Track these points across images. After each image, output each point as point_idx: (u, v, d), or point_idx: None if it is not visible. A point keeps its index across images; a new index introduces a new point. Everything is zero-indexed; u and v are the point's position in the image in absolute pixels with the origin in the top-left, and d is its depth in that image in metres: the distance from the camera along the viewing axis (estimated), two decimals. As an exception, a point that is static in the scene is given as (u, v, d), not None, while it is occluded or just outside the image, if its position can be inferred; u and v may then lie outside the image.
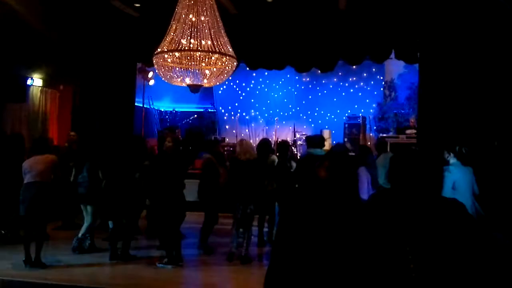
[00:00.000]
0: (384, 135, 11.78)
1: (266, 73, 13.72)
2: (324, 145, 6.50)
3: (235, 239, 5.88)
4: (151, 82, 12.77)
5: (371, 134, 13.08)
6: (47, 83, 9.27)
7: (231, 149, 11.05)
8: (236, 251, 5.84)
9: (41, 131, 8.97)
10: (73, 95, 9.93)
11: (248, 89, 14.94)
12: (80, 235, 5.99)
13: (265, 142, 6.66)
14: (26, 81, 8.75)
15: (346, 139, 12.52)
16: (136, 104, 11.24)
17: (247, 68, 10.23)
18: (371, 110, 13.39)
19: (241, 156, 5.87)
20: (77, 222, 7.44)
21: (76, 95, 9.91)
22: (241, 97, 15.01)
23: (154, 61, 7.36)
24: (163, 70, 7.42)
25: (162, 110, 15.27)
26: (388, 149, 8.27)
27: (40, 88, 9.11)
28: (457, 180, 4.76)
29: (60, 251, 5.99)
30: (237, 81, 14.69)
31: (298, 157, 10.24)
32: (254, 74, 14.09)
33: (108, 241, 5.85)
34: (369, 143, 12.61)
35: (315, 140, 6.19)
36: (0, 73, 7.82)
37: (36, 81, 9.00)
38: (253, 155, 5.97)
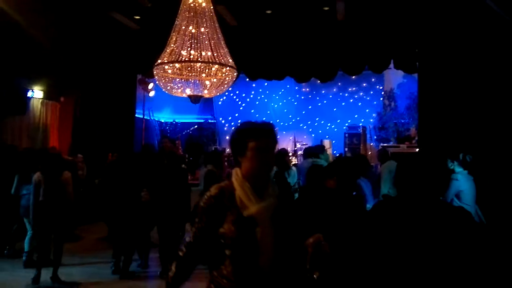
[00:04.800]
0: (385, 144, 11.78)
1: (266, 84, 13.77)
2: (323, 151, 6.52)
3: None
4: (152, 94, 12.80)
5: (371, 144, 13.08)
6: (47, 95, 9.28)
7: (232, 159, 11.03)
8: None
9: (41, 143, 8.96)
10: (74, 107, 9.94)
11: (248, 99, 14.99)
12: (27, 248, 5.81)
13: (284, 153, 6.66)
14: (27, 93, 8.76)
15: (346, 149, 12.51)
16: (136, 115, 11.27)
17: (247, 79, 10.28)
18: (371, 120, 13.41)
19: None
20: (77, 234, 7.45)
21: (77, 106, 9.92)
22: (241, 108, 15.05)
23: (155, 73, 7.39)
24: (163, 81, 7.44)
25: (163, 121, 15.29)
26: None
27: (40, 100, 9.13)
28: (464, 189, 4.73)
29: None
30: (237, 92, 14.73)
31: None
32: (254, 85, 14.13)
33: (114, 257, 5.76)
34: (369, 152, 12.61)
35: (316, 150, 6.21)
36: (1, 85, 7.84)
37: (36, 93, 9.02)
38: None
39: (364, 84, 13.73)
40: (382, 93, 13.51)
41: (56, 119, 9.66)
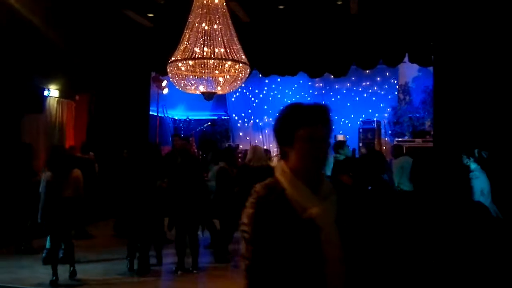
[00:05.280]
0: (400, 139, 11.68)
1: (278, 79, 13.73)
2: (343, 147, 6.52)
3: None
4: (165, 91, 12.87)
5: (386, 139, 12.96)
6: (63, 94, 9.40)
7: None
8: None
9: (58, 141, 9.09)
10: (89, 105, 10.05)
11: (261, 95, 14.96)
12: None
13: None
14: (43, 92, 8.89)
15: (361, 144, 12.43)
16: (150, 112, 11.34)
17: (260, 75, 10.26)
18: (386, 115, 13.28)
19: (253, 163, 5.84)
20: (89, 231, 7.55)
21: (92, 104, 10.03)
22: (254, 104, 15.04)
23: (168, 70, 7.42)
24: (177, 78, 7.47)
25: (176, 118, 15.36)
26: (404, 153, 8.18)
27: (56, 98, 9.25)
28: (485, 186, 4.67)
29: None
30: (250, 88, 14.72)
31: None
32: (266, 81, 14.11)
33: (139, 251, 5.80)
34: (384, 147, 12.50)
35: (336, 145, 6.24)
36: (18, 84, 7.96)
37: (52, 91, 9.13)
38: (266, 162, 5.96)
39: (378, 79, 13.59)
40: (397, 87, 13.37)
41: (71, 117, 9.77)
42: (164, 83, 12.40)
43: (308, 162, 1.57)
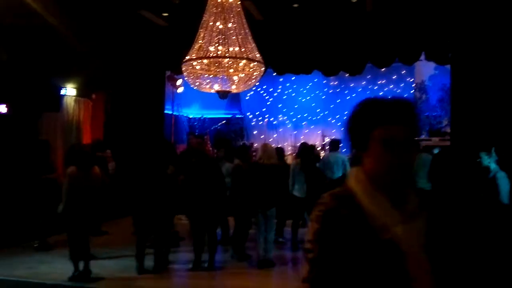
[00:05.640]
0: (415, 138, 11.53)
1: (293, 78, 13.69)
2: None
3: (261, 245, 5.86)
4: (180, 90, 12.94)
5: (402, 137, 12.82)
6: (80, 93, 9.54)
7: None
8: (262, 256, 5.82)
9: (75, 139, 9.23)
10: (105, 104, 10.18)
11: (275, 94, 14.94)
12: None
13: (308, 147, 6.68)
14: (61, 91, 9.03)
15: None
16: (165, 111, 11.43)
17: (274, 74, 10.25)
18: (402, 113, 13.12)
19: (264, 161, 5.85)
20: (104, 230, 7.64)
21: (108, 103, 10.16)
22: (268, 102, 15.02)
23: (183, 69, 7.46)
24: (192, 77, 7.51)
25: (191, 117, 15.45)
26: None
27: (74, 97, 9.39)
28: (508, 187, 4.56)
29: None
30: (264, 87, 14.71)
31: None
32: (281, 79, 14.08)
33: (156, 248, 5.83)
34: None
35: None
36: (36, 83, 8.11)
37: (69, 90, 9.28)
38: (276, 160, 5.98)
39: (394, 77, 13.45)
40: (413, 85, 13.22)
41: (88, 115, 9.91)
42: (179, 82, 12.46)
43: (386, 170, 1.25)
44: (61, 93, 9.04)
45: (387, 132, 1.25)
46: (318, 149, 11.58)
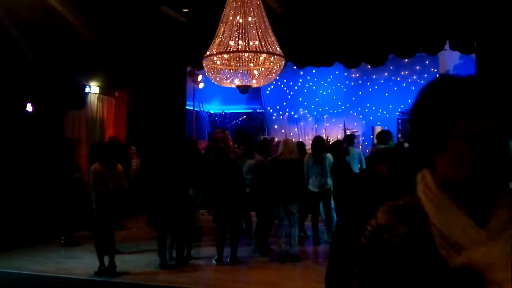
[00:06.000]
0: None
1: (313, 71, 13.57)
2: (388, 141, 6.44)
3: (283, 239, 5.84)
4: (201, 85, 13.01)
5: (426, 130, 12.58)
6: (103, 90, 9.69)
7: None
8: (286, 251, 5.81)
9: (99, 136, 9.39)
10: (128, 101, 10.32)
11: (296, 87, 14.86)
12: None
13: (319, 140, 6.64)
14: (85, 89, 9.19)
15: (399, 136, 12.14)
16: (186, 107, 11.50)
17: (294, 67, 10.17)
18: (426, 105, 12.87)
19: (285, 156, 5.83)
20: (127, 226, 7.77)
21: (131, 100, 10.30)
22: (289, 96, 14.95)
23: (204, 64, 7.49)
24: (212, 72, 7.52)
25: (212, 112, 15.53)
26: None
27: (97, 95, 9.54)
28: None
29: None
30: (285, 80, 14.64)
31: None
32: (301, 73, 13.98)
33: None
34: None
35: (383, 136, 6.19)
36: (61, 81, 8.27)
37: (93, 88, 9.44)
38: (297, 155, 5.95)
39: (418, 67, 13.19)
40: (437, 76, 12.91)
41: (111, 113, 10.07)
42: (200, 77, 12.53)
43: (472, 175, 0.94)
44: (85, 91, 9.20)
45: (475, 125, 0.93)
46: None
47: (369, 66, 10.18)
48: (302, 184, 6.09)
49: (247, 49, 6.89)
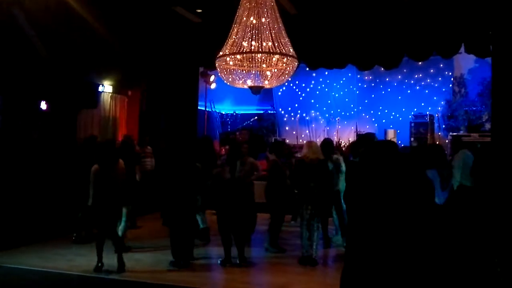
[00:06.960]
0: (454, 133, 11.19)
1: (326, 73, 13.54)
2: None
3: (305, 242, 5.79)
4: (213, 86, 13.05)
5: (439, 133, 12.46)
6: (116, 89, 9.78)
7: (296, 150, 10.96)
8: (307, 254, 5.77)
9: (112, 135, 9.46)
10: (140, 100, 10.39)
11: (308, 89, 14.82)
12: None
13: (328, 142, 6.60)
14: (98, 88, 9.28)
15: (412, 139, 12.03)
16: (198, 107, 11.54)
17: (307, 68, 10.14)
18: (439, 108, 12.76)
19: (310, 156, 5.78)
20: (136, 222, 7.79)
21: (143, 100, 10.37)
22: (301, 98, 14.92)
23: (217, 65, 7.48)
24: (225, 73, 7.52)
25: (223, 113, 15.55)
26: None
27: (110, 94, 9.63)
28: None
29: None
30: (297, 82, 14.61)
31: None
32: (314, 74, 13.95)
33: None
34: (437, 142, 12.04)
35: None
36: (75, 80, 8.36)
37: (106, 87, 9.52)
38: (321, 155, 5.90)
39: (432, 70, 13.06)
40: (452, 79, 12.79)
41: (124, 112, 10.16)
42: (212, 78, 12.56)
43: None
44: (98, 90, 9.28)
45: None
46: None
47: (382, 69, 10.10)
48: (326, 185, 5.96)
49: (260, 50, 6.87)
